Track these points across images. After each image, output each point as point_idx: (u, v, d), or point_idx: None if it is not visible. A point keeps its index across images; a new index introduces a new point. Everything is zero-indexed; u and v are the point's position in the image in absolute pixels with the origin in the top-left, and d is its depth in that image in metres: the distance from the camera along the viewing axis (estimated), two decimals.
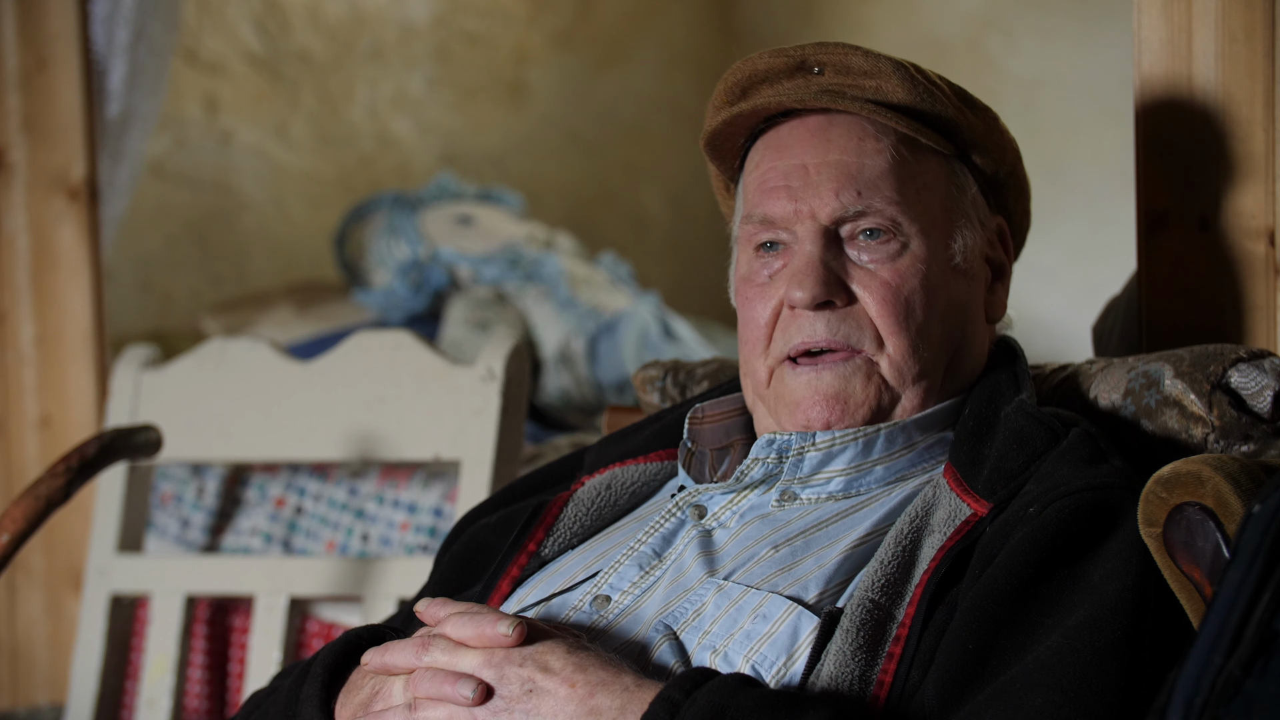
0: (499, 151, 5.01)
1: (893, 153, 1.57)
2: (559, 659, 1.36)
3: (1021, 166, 1.69)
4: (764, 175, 1.61)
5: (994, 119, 1.64)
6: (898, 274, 1.56)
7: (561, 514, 1.66)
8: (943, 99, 1.59)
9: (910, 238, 1.56)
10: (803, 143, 1.59)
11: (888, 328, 1.55)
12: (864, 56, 1.58)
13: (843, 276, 1.56)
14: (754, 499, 1.57)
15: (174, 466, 2.94)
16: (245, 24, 4.49)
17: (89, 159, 2.92)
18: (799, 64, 1.61)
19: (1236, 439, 1.58)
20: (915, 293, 1.56)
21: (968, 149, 1.62)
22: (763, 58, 1.62)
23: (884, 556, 1.44)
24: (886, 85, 1.57)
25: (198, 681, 2.87)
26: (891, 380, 1.56)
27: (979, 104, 1.63)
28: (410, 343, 2.43)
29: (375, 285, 4.01)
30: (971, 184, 1.63)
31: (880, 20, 5.21)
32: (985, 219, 1.65)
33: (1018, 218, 1.71)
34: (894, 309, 1.55)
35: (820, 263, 1.55)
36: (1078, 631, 1.32)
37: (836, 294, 1.55)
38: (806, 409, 1.56)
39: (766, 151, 1.62)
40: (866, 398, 1.56)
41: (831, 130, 1.59)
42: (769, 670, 1.39)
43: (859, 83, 1.59)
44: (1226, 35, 1.83)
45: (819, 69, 1.60)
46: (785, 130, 1.61)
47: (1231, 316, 1.86)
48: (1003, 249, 1.68)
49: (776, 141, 1.62)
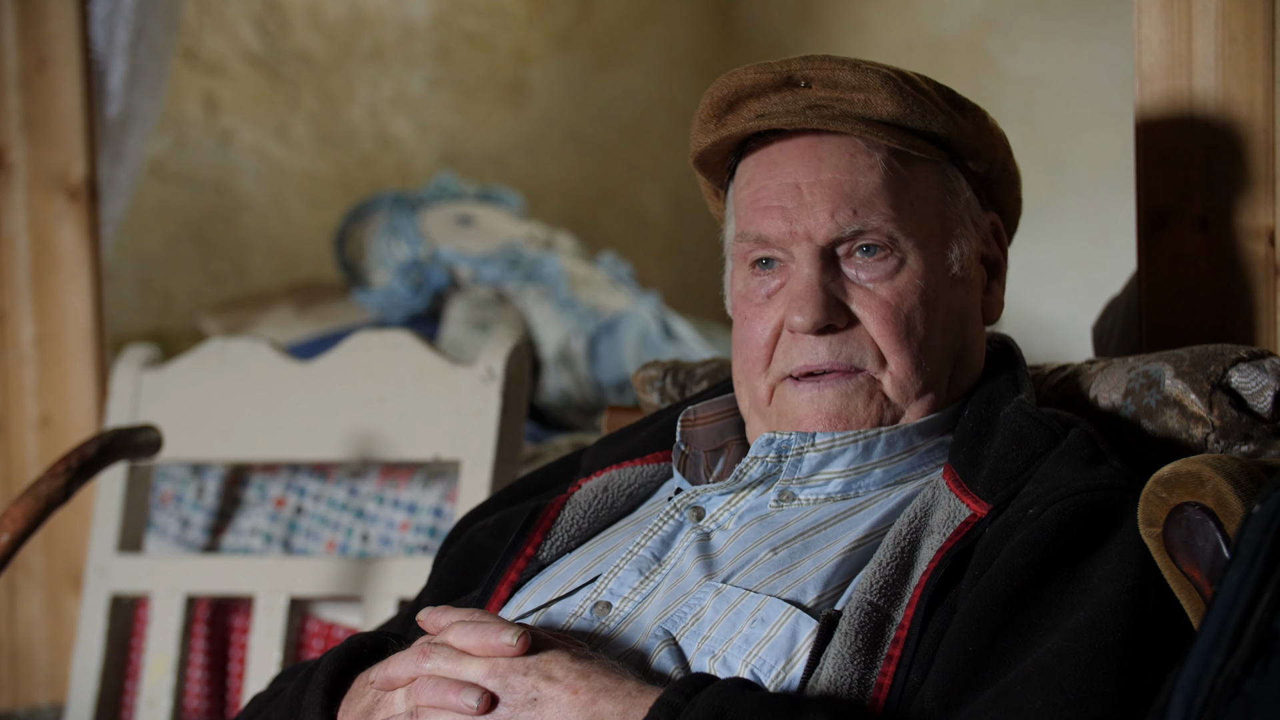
0: (499, 151, 5.00)
1: (885, 168, 1.56)
2: (562, 667, 1.36)
3: (1012, 160, 1.67)
4: (756, 193, 1.59)
5: (982, 117, 1.63)
6: (896, 292, 1.55)
7: (559, 517, 1.66)
8: (932, 109, 1.57)
9: (907, 253, 1.55)
10: (794, 161, 1.57)
11: (889, 346, 1.55)
12: (851, 70, 1.56)
13: (842, 298, 1.55)
14: (752, 500, 1.56)
15: (174, 466, 2.94)
16: (245, 24, 4.49)
17: (89, 159, 2.92)
18: (785, 79, 1.58)
19: (1237, 439, 1.58)
20: (915, 309, 1.55)
21: (960, 154, 1.61)
22: (748, 72, 1.60)
23: (882, 558, 1.44)
24: (875, 99, 1.55)
25: (198, 681, 2.87)
26: (894, 397, 1.56)
27: (967, 104, 1.62)
28: (410, 343, 2.43)
29: (375, 285, 4.01)
30: (965, 187, 1.62)
31: (880, 20, 5.21)
32: (979, 219, 1.64)
33: (1009, 207, 1.70)
34: (894, 328, 1.55)
35: (819, 287, 1.54)
36: (1078, 633, 1.32)
37: (837, 317, 1.55)
38: (809, 427, 1.56)
39: (758, 168, 1.60)
40: (869, 415, 1.56)
41: (822, 148, 1.57)
42: (768, 674, 1.39)
43: (847, 96, 1.56)
44: (1226, 35, 1.83)
45: (806, 83, 1.58)
46: (775, 148, 1.59)
47: (1231, 316, 1.86)
48: (997, 244, 1.67)
49: (767, 159, 1.59)
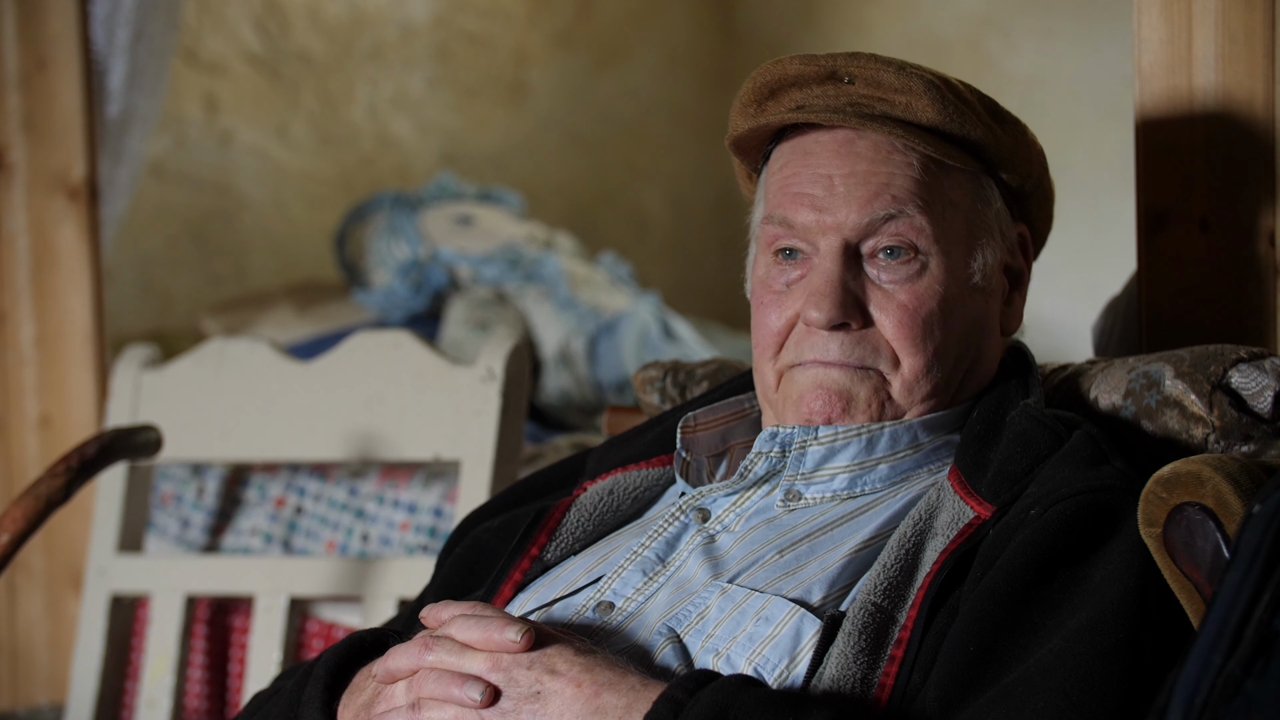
0: (499, 151, 5.00)
1: (920, 169, 1.56)
2: (565, 661, 1.36)
3: (1047, 176, 1.67)
4: (787, 179, 1.59)
5: (1022, 131, 1.62)
6: (915, 296, 1.55)
7: (564, 519, 1.66)
8: (972, 118, 1.57)
9: (930, 257, 1.55)
10: (829, 153, 1.57)
11: (904, 349, 1.55)
12: (896, 73, 1.56)
13: (860, 297, 1.55)
14: (758, 500, 1.57)
15: (174, 466, 2.94)
16: (245, 24, 4.49)
17: (89, 159, 2.92)
18: (830, 73, 1.59)
19: (1237, 439, 1.58)
20: (933, 314, 1.55)
21: (995, 166, 1.61)
22: (793, 62, 1.60)
23: (887, 560, 1.44)
24: (917, 104, 1.56)
25: (198, 681, 2.87)
26: (899, 398, 1.56)
27: (1009, 117, 1.61)
28: (410, 343, 2.43)
29: (375, 285, 4.01)
30: (997, 198, 1.62)
31: (880, 20, 5.21)
32: (1007, 229, 1.63)
33: (1040, 223, 1.70)
34: (911, 332, 1.55)
35: (839, 283, 1.54)
36: (1079, 634, 1.32)
37: (853, 316, 1.55)
38: (810, 400, 1.56)
39: (793, 155, 1.60)
40: (869, 407, 1.56)
41: (859, 144, 1.57)
42: (771, 673, 1.39)
43: (890, 97, 1.57)
44: (1226, 35, 1.83)
45: (849, 79, 1.58)
46: (811, 138, 1.59)
47: (1232, 316, 1.85)
48: (1023, 256, 1.67)
49: (802, 148, 1.60)
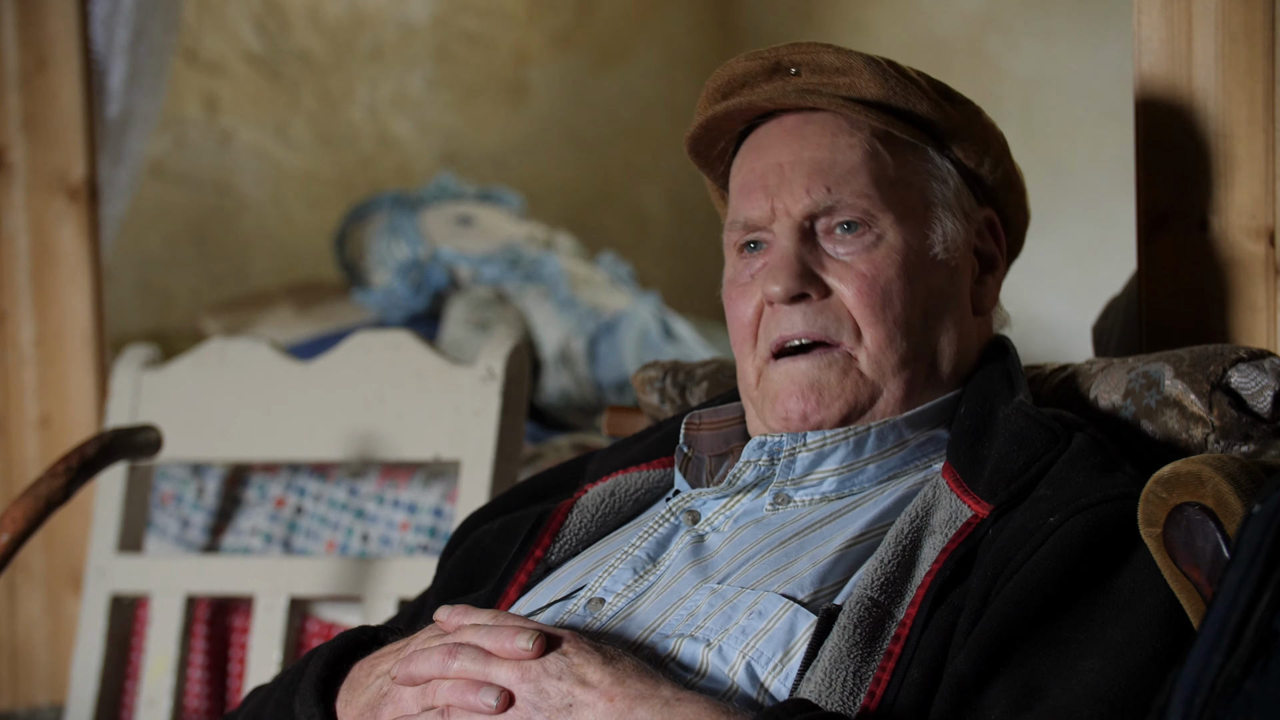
0: (499, 151, 5.00)
1: (867, 146, 1.59)
2: (596, 670, 1.35)
3: (1009, 159, 1.68)
4: (744, 178, 1.63)
5: (975, 112, 1.65)
6: (873, 265, 1.56)
7: (566, 520, 1.66)
8: (917, 93, 1.60)
9: (885, 229, 1.57)
10: (779, 142, 1.61)
11: (865, 318, 1.56)
12: (836, 54, 1.61)
13: (818, 270, 1.57)
14: (747, 503, 1.57)
15: (174, 466, 2.94)
16: (245, 24, 4.49)
17: (89, 159, 2.92)
18: (774, 65, 1.63)
19: (1237, 439, 1.58)
20: (892, 283, 1.56)
21: (946, 141, 1.63)
22: (740, 61, 1.64)
23: (884, 555, 1.44)
24: (859, 81, 1.59)
25: (198, 681, 2.87)
26: (870, 373, 1.57)
27: (959, 98, 1.64)
28: (410, 343, 2.43)
29: (375, 285, 4.01)
30: (953, 175, 1.63)
31: (880, 20, 5.21)
32: (971, 210, 1.65)
33: (1011, 211, 1.71)
34: (870, 299, 1.56)
35: (794, 257, 1.56)
36: (1119, 649, 1.33)
37: (811, 286, 1.56)
38: (784, 400, 1.57)
39: (748, 154, 1.65)
40: (843, 390, 1.56)
41: (806, 128, 1.61)
42: (765, 666, 1.39)
43: (833, 80, 1.60)
44: (1226, 35, 1.83)
45: (795, 69, 1.62)
46: (763, 131, 1.64)
47: (1232, 316, 1.86)
48: (993, 240, 1.68)
49: (756, 144, 1.64)
